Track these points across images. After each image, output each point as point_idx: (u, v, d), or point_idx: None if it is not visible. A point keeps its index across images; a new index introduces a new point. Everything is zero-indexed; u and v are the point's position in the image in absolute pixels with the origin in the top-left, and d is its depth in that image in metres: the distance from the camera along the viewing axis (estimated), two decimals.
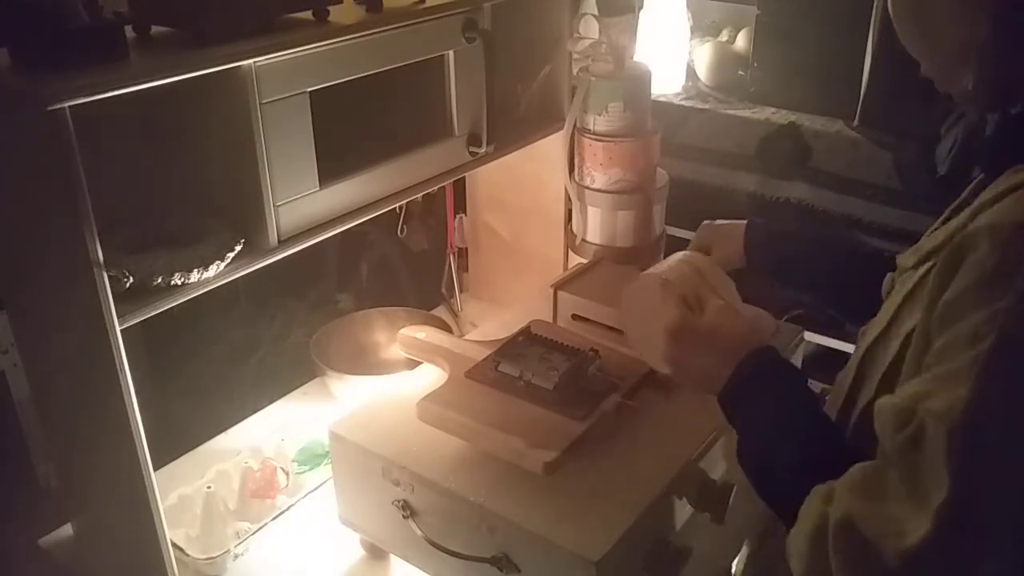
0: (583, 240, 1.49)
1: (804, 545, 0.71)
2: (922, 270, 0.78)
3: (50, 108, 0.79)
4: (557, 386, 1.04)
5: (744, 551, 1.06)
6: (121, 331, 0.90)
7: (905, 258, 0.84)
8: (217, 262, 0.98)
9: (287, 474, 1.29)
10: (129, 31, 0.93)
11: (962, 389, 0.64)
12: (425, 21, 1.14)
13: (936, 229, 0.85)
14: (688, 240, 1.23)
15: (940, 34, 0.75)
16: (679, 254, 1.09)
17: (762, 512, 1.00)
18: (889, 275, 0.89)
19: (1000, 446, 0.64)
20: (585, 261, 1.43)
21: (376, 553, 1.17)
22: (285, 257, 1.07)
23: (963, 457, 0.63)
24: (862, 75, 1.68)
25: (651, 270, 1.05)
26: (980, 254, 0.66)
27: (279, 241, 1.05)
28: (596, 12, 1.39)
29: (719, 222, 1.22)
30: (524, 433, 0.99)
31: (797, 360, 1.35)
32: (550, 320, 1.26)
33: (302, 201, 1.06)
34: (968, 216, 0.73)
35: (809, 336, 1.49)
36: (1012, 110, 0.74)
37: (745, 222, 1.19)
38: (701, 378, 0.89)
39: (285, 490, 1.28)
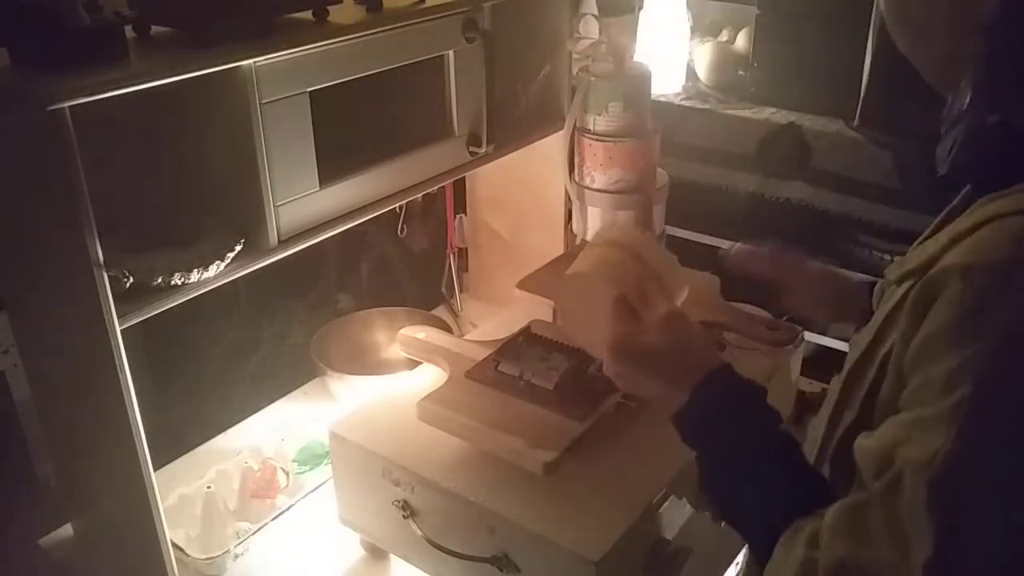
0: (583, 240, 1.49)
1: None
2: (902, 289, 0.76)
3: (50, 108, 0.79)
4: (557, 386, 1.04)
5: (743, 553, 1.06)
6: (121, 331, 0.90)
7: (891, 270, 0.81)
8: (217, 262, 0.98)
9: (287, 474, 1.29)
10: (129, 31, 0.93)
11: (940, 437, 0.63)
12: (425, 21, 1.14)
13: (924, 241, 0.84)
14: (688, 239, 1.22)
15: (932, 41, 0.75)
16: (611, 231, 0.95)
17: None
18: (879, 283, 0.87)
19: (983, 496, 0.62)
20: None
21: (376, 553, 1.17)
22: (285, 257, 1.07)
23: (946, 508, 0.62)
24: (862, 75, 1.68)
25: (582, 263, 0.93)
26: (951, 295, 0.65)
27: (279, 241, 1.05)
28: (596, 12, 1.39)
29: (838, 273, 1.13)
30: (524, 433, 0.99)
31: (797, 360, 1.35)
32: (550, 320, 1.26)
33: (302, 201, 1.06)
34: (941, 244, 0.71)
35: (809, 336, 1.49)
36: (1003, 116, 0.71)
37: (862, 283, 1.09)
38: (650, 396, 0.84)
39: (285, 490, 1.28)
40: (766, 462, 0.77)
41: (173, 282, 0.95)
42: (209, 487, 1.23)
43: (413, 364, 1.23)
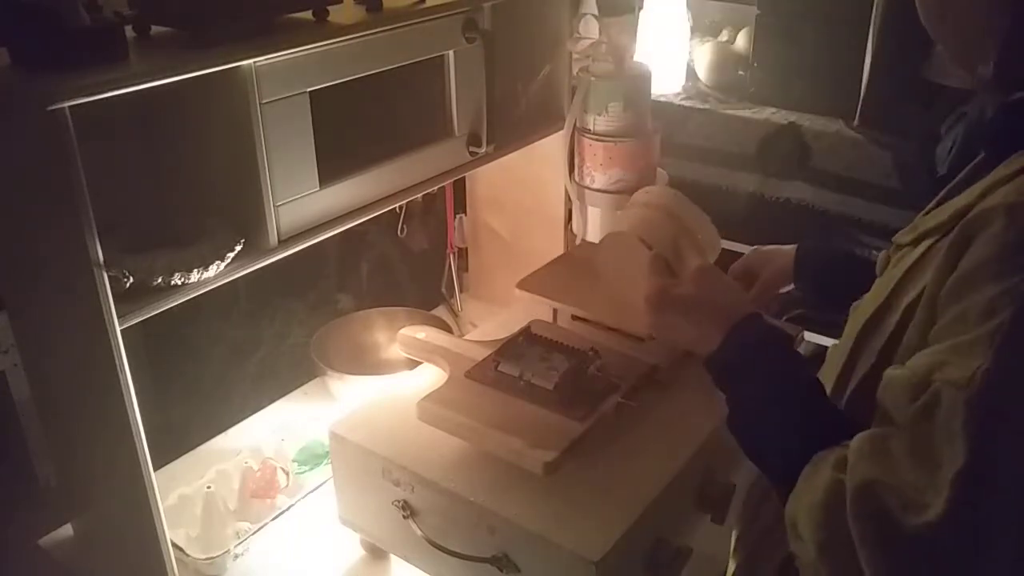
0: (583, 240, 1.49)
1: (820, 514, 0.71)
2: (922, 247, 0.78)
3: (50, 108, 0.79)
4: (557, 386, 1.04)
5: (733, 534, 1.07)
6: (121, 331, 0.90)
7: (902, 236, 0.84)
8: (217, 262, 0.98)
9: (287, 474, 1.29)
10: (129, 31, 0.93)
11: (980, 359, 0.64)
12: (425, 21, 1.14)
13: (933, 208, 0.85)
14: None
15: (963, 17, 0.76)
16: (647, 192, 1.06)
17: (746, 497, 1.01)
18: (884, 253, 0.89)
19: (1016, 414, 0.64)
20: None
21: (376, 553, 1.17)
22: (285, 257, 1.07)
23: (981, 425, 0.64)
24: (862, 75, 1.68)
25: (621, 223, 1.03)
26: (995, 231, 0.67)
27: (279, 241, 1.05)
28: (596, 12, 1.39)
29: (767, 247, 1.22)
30: (524, 433, 0.99)
31: None
32: (550, 320, 1.26)
33: (302, 201, 1.06)
34: (976, 195, 0.73)
35: (809, 336, 1.49)
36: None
37: (795, 246, 1.19)
38: (686, 344, 0.91)
39: (285, 490, 1.28)
40: (792, 402, 0.82)
41: (173, 282, 0.95)
42: (209, 487, 1.23)
43: (413, 364, 1.23)
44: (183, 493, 1.22)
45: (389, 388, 1.19)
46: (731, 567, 1.07)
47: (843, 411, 0.84)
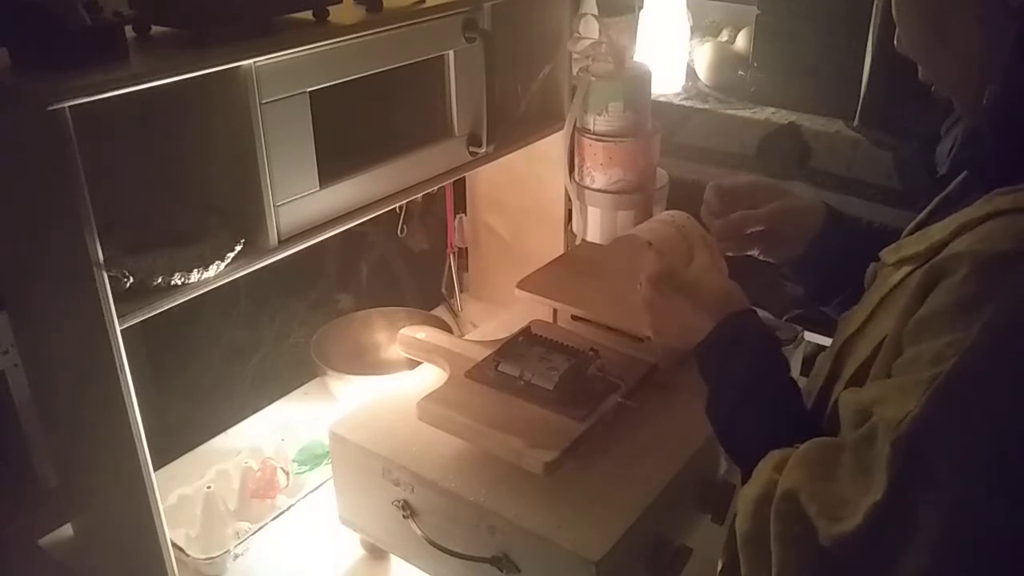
0: (583, 240, 1.49)
1: (751, 506, 0.77)
2: (901, 273, 0.79)
3: (50, 108, 0.79)
4: (557, 386, 1.04)
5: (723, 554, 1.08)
6: (121, 331, 0.90)
7: (888, 253, 0.85)
8: (217, 262, 0.98)
9: (287, 474, 1.30)
10: (129, 31, 0.93)
11: (912, 404, 0.67)
12: (425, 21, 1.14)
13: (919, 225, 0.85)
14: None
15: (960, 35, 0.74)
16: (664, 214, 1.10)
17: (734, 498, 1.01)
18: (873, 266, 0.90)
19: (934, 462, 0.67)
20: None
21: (376, 553, 1.17)
22: (285, 257, 1.07)
23: (901, 467, 0.67)
24: (862, 75, 1.68)
25: (634, 230, 1.07)
26: (957, 279, 0.68)
27: (279, 241, 1.05)
28: (596, 12, 1.39)
29: (793, 202, 1.06)
30: (524, 433, 0.99)
31: (797, 360, 1.35)
32: (550, 320, 1.26)
33: (302, 201, 1.06)
34: (951, 231, 0.74)
35: (809, 336, 1.49)
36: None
37: (823, 207, 1.06)
38: (677, 330, 0.93)
39: (285, 490, 1.28)
40: (764, 401, 0.86)
41: (173, 282, 0.95)
42: (209, 487, 1.23)
43: (413, 364, 1.23)
44: (183, 493, 1.22)
45: (389, 388, 1.19)
46: (720, 564, 1.07)
47: (813, 416, 0.86)
